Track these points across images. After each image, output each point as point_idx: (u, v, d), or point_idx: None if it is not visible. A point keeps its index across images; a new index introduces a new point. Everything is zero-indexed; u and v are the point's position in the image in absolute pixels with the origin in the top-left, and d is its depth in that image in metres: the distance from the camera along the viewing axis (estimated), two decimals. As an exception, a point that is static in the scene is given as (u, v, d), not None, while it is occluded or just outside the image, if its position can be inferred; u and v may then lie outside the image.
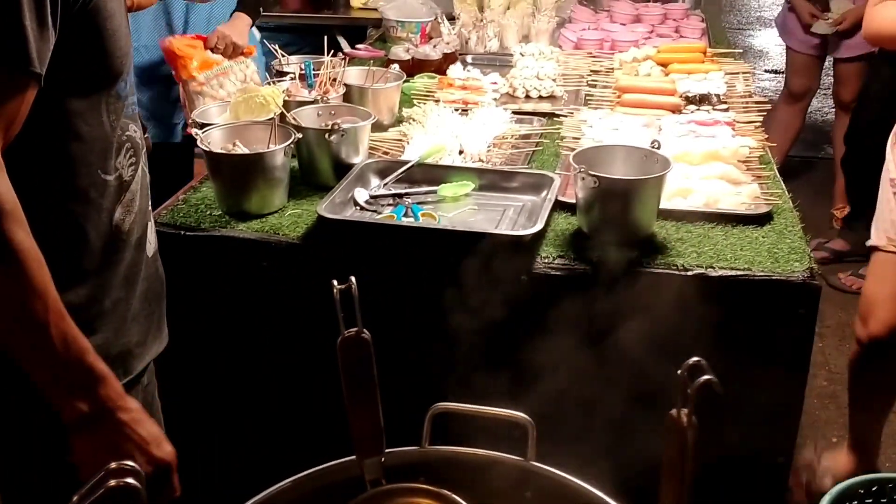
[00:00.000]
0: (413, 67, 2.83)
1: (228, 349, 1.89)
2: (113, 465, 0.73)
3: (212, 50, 2.74)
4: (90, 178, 1.23)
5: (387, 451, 1.02)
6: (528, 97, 2.68)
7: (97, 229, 1.28)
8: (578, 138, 2.20)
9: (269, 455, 1.75)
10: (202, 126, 1.98)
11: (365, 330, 0.92)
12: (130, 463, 0.73)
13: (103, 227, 1.29)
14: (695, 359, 0.72)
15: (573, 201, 1.80)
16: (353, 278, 0.90)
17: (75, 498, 0.74)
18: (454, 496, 0.97)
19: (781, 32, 4.32)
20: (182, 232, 1.83)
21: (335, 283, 0.88)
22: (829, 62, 4.33)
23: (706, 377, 0.69)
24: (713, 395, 0.75)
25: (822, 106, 5.69)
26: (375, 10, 3.49)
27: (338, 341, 0.92)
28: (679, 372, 0.72)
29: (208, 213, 1.89)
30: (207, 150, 1.86)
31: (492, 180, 2.00)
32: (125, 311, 1.34)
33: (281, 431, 1.88)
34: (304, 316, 1.69)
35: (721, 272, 1.66)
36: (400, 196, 1.95)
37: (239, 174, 1.86)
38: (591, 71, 2.84)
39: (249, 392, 1.92)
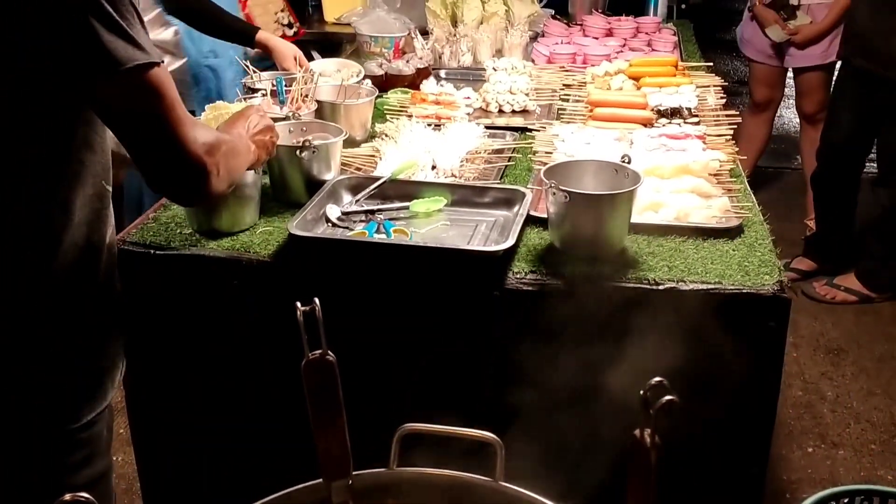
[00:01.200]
0: (386, 82, 2.83)
1: (198, 369, 1.87)
2: (67, 496, 0.72)
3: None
4: (97, 189, 1.35)
5: (354, 473, 1.01)
6: (501, 112, 2.69)
7: (102, 240, 1.39)
8: (551, 153, 2.21)
9: (236, 477, 1.74)
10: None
11: (330, 352, 0.91)
12: (84, 494, 0.72)
13: (105, 235, 1.40)
14: (657, 379, 0.72)
15: (545, 216, 1.81)
16: (316, 300, 0.89)
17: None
18: (423, 518, 0.97)
19: (741, 43, 4.36)
20: (152, 251, 1.82)
21: (298, 304, 0.87)
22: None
23: (668, 397, 0.69)
24: (679, 412, 0.75)
25: (793, 116, 5.76)
26: (349, 25, 3.49)
27: (302, 364, 0.91)
28: (641, 392, 0.72)
29: (178, 231, 1.88)
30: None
31: (464, 196, 2.00)
32: (112, 321, 1.44)
33: (248, 453, 1.86)
34: (275, 335, 1.67)
35: (692, 286, 1.66)
36: (372, 212, 1.95)
37: (209, 192, 1.85)
38: (564, 85, 2.85)
39: (218, 413, 1.90)
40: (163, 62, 1.26)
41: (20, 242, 1.28)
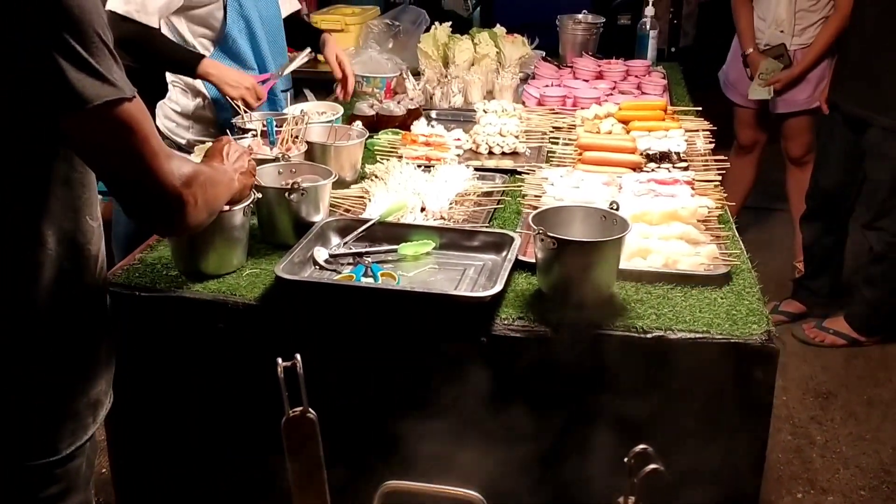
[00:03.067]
0: (377, 123, 2.83)
1: (182, 412, 1.85)
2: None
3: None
4: (76, 224, 1.33)
5: (335, 530, 0.99)
6: (491, 153, 2.70)
7: (84, 276, 1.37)
8: (540, 196, 2.21)
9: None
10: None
11: (311, 410, 0.90)
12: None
13: (91, 271, 1.39)
14: (641, 446, 0.71)
15: (534, 261, 1.80)
16: (298, 356, 0.88)
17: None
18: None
19: (724, 87, 4.39)
20: (137, 293, 1.80)
21: (280, 360, 0.86)
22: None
23: (653, 466, 0.68)
24: (663, 479, 0.74)
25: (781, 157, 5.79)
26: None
27: (282, 422, 0.90)
28: (625, 459, 0.71)
29: (164, 273, 1.87)
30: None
31: (452, 239, 1.99)
32: (99, 358, 1.42)
33: (230, 500, 1.83)
34: (261, 380, 1.65)
35: (680, 335, 1.65)
36: (360, 255, 1.94)
37: (197, 234, 1.84)
38: (554, 128, 2.86)
39: (201, 457, 1.87)
40: (135, 96, 1.25)
41: None
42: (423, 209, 2.18)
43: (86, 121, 1.20)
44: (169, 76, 2.93)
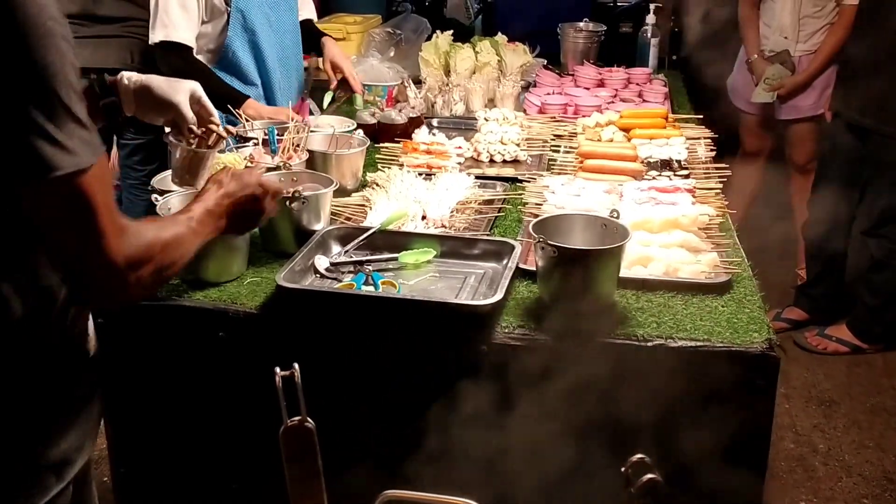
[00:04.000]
0: (378, 131, 2.84)
1: (182, 421, 1.85)
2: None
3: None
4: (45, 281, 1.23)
5: (334, 540, 0.99)
6: (492, 161, 2.70)
7: (54, 339, 1.26)
8: (541, 204, 2.21)
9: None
10: (162, 192, 1.96)
11: (309, 419, 0.89)
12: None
13: (59, 325, 1.27)
14: (638, 456, 0.71)
15: (534, 269, 1.80)
16: (296, 365, 0.88)
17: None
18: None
19: (731, 94, 4.40)
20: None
21: (277, 370, 0.86)
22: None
23: (650, 476, 0.68)
24: (661, 488, 0.74)
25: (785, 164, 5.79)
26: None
27: (280, 432, 0.89)
28: (623, 469, 0.70)
29: (165, 281, 1.86)
30: (165, 215, 1.83)
31: (453, 247, 1.99)
32: (67, 414, 1.29)
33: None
34: (261, 389, 1.65)
35: (681, 343, 1.65)
36: (361, 263, 1.94)
37: (197, 242, 1.84)
38: (555, 136, 2.87)
39: (202, 465, 1.87)
40: (93, 164, 1.13)
41: None
42: (423, 217, 2.18)
43: (38, 191, 1.11)
44: None
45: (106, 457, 2.09)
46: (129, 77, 1.69)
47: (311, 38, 3.18)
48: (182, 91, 1.72)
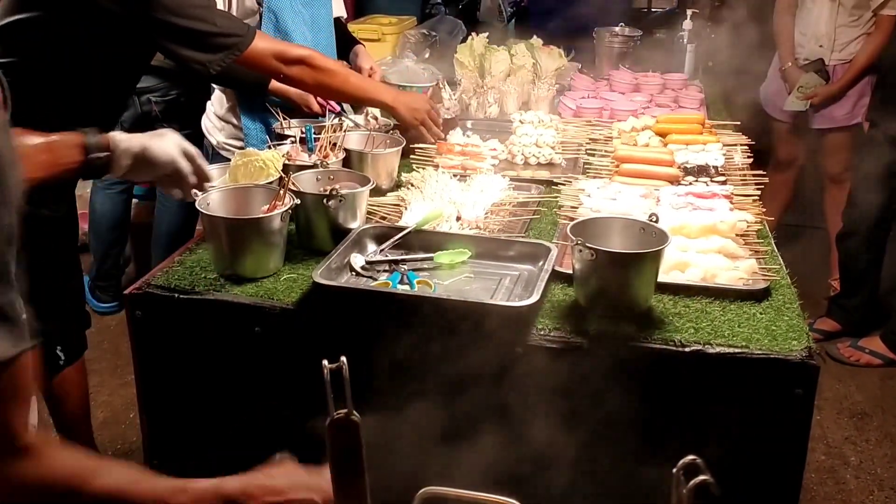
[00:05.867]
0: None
1: (218, 415, 1.86)
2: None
3: None
4: None
5: (374, 535, 0.99)
6: (526, 164, 2.70)
7: None
8: (576, 207, 2.20)
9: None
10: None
11: (355, 412, 0.90)
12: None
13: None
14: (690, 457, 0.70)
15: (570, 272, 1.80)
16: (343, 359, 0.88)
17: None
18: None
19: (765, 102, 4.37)
20: (176, 295, 1.82)
21: (325, 363, 0.86)
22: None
23: (702, 477, 0.67)
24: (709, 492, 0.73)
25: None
26: (377, 73, 3.52)
27: (326, 423, 0.90)
28: (674, 471, 0.70)
29: (203, 275, 1.88)
30: (205, 212, 1.85)
31: (488, 248, 1.99)
32: None
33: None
34: (296, 385, 1.66)
35: (719, 349, 1.64)
36: (396, 262, 1.94)
37: (235, 237, 1.86)
38: (590, 139, 2.86)
39: (234, 462, 1.87)
40: (34, 346, 0.97)
41: None
42: (458, 218, 2.18)
43: None
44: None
45: (139, 448, 2.11)
46: (123, 140, 1.69)
47: (340, 39, 3.18)
48: (174, 145, 1.73)
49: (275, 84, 2.74)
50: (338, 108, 2.84)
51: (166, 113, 3.55)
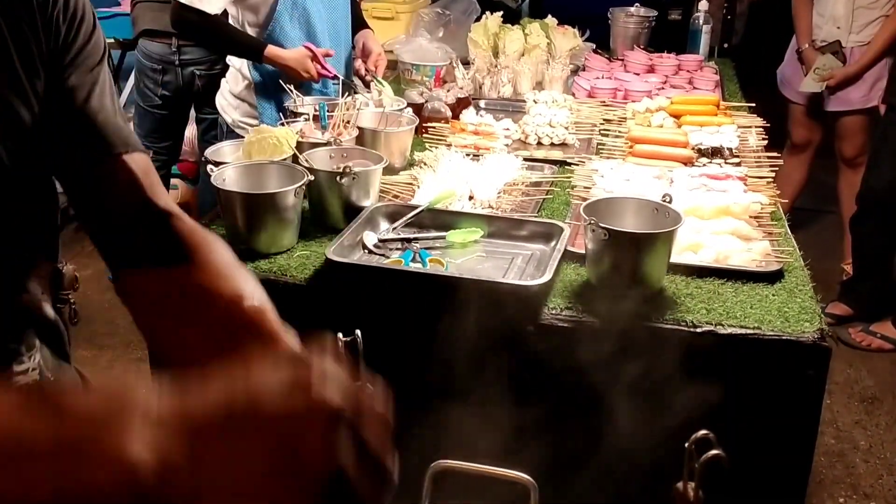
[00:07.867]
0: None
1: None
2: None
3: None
4: None
5: (386, 507, 1.00)
6: (540, 144, 2.69)
7: None
8: (589, 188, 2.20)
9: None
10: (216, 164, 1.99)
11: (369, 385, 0.90)
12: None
13: None
14: (703, 432, 0.71)
15: (583, 252, 1.80)
16: (358, 332, 0.89)
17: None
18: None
19: (781, 84, 4.34)
20: (189, 270, 1.83)
21: (340, 335, 0.87)
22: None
23: (714, 452, 0.68)
24: (720, 466, 0.74)
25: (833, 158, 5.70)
26: (391, 52, 3.52)
27: (341, 396, 0.90)
28: (686, 445, 0.70)
29: (216, 251, 1.89)
30: (220, 187, 1.86)
31: (501, 228, 1.99)
32: None
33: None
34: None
35: (730, 330, 1.64)
36: (409, 241, 1.95)
37: (250, 212, 1.86)
38: (604, 120, 2.85)
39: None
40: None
41: None
42: (471, 197, 2.18)
43: None
44: (230, 58, 2.99)
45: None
46: None
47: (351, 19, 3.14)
48: None
49: (270, 50, 2.75)
50: (333, 73, 2.84)
51: (208, 87, 3.54)
